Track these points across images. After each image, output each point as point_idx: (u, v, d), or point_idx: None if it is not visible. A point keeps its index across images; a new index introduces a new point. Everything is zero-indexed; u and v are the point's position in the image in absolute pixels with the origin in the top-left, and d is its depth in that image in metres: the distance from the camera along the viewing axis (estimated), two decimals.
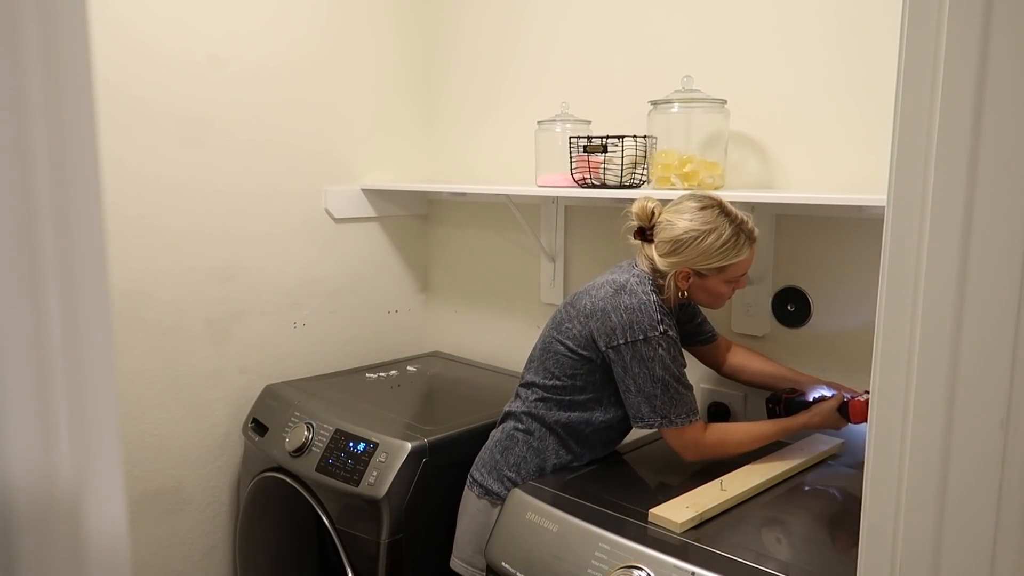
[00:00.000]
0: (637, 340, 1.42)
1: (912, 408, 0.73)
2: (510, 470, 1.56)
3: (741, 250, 1.44)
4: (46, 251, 0.40)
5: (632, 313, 1.43)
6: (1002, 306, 0.68)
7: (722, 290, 1.48)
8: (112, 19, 1.88)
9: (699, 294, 1.50)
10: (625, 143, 1.75)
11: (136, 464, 2.02)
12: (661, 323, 1.43)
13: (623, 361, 1.44)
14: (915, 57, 0.70)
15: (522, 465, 1.55)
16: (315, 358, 2.34)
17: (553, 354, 1.55)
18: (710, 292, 1.49)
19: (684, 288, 1.48)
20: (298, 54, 2.22)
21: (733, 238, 1.43)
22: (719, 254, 1.43)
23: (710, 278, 1.46)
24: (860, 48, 1.59)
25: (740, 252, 1.44)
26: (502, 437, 1.60)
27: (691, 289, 1.49)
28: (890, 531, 0.76)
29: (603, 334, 1.45)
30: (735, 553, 1.20)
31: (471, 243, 2.49)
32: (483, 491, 1.58)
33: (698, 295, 1.51)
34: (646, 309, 1.43)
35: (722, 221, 1.43)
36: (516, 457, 1.56)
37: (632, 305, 1.44)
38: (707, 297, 1.51)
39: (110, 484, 0.43)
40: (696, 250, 1.43)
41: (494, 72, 2.35)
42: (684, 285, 1.47)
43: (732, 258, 1.44)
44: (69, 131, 0.40)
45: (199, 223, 2.07)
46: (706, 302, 1.53)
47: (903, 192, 0.72)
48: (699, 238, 1.42)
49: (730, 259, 1.44)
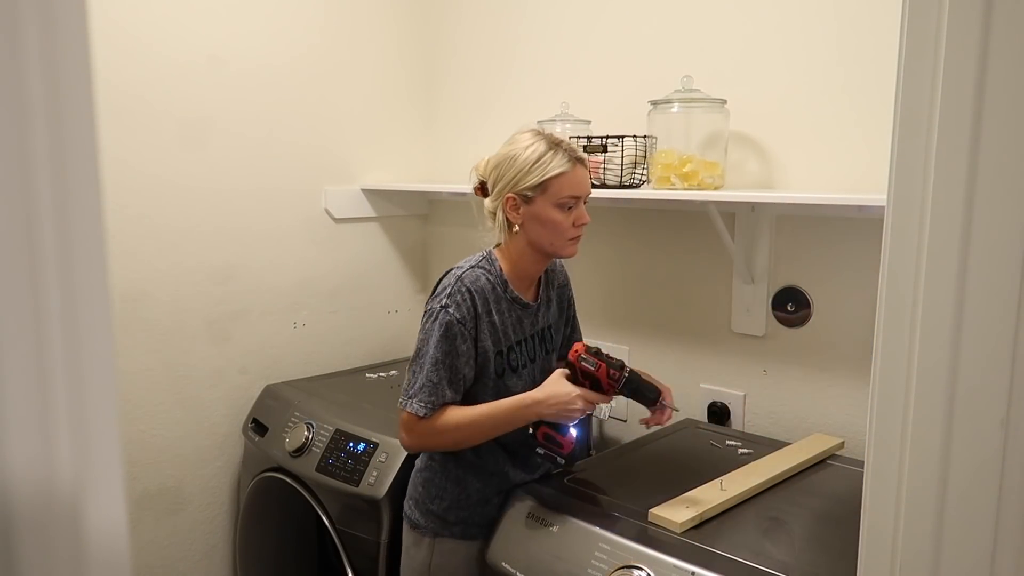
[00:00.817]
0: (428, 312, 1.40)
1: (912, 408, 0.73)
2: (432, 503, 1.48)
3: (560, 162, 1.36)
4: (46, 251, 0.40)
5: (442, 285, 1.41)
6: (1002, 306, 0.68)
7: (554, 216, 1.38)
8: (112, 19, 1.88)
9: (536, 229, 1.39)
10: (625, 143, 1.75)
11: (136, 464, 2.02)
12: (451, 296, 1.38)
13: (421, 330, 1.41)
14: (915, 57, 0.70)
15: (443, 496, 1.47)
16: (315, 358, 2.34)
17: None
18: (543, 221, 1.38)
19: (516, 221, 1.40)
20: (298, 54, 2.22)
21: (550, 151, 1.37)
22: (537, 167, 1.36)
23: (536, 201, 1.37)
24: (860, 48, 1.59)
25: (560, 164, 1.36)
26: (421, 467, 1.53)
27: (526, 225, 1.40)
28: (890, 531, 0.76)
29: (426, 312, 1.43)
30: (735, 553, 1.20)
31: (471, 243, 2.48)
32: (411, 523, 1.51)
33: (535, 231, 1.40)
34: (450, 281, 1.40)
35: (539, 138, 1.39)
36: (437, 489, 1.48)
37: (447, 281, 1.41)
38: (545, 232, 1.39)
39: (110, 484, 0.43)
40: (514, 167, 1.38)
41: (494, 72, 2.35)
42: (515, 217, 1.40)
43: (552, 170, 1.36)
44: (69, 131, 0.40)
45: (199, 223, 2.07)
46: (548, 239, 1.40)
47: (903, 192, 0.72)
48: (514, 155, 1.38)
49: (549, 172, 1.36)
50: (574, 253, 1.45)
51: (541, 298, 1.53)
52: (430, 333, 1.38)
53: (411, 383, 1.39)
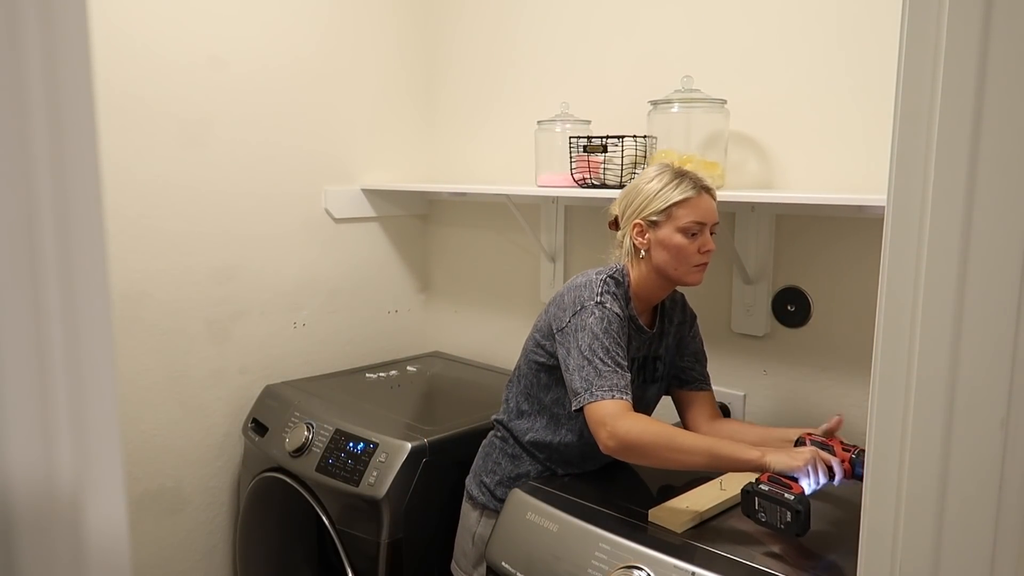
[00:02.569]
0: (576, 312, 1.40)
1: (912, 408, 0.73)
2: (486, 475, 1.58)
3: (684, 189, 1.41)
4: (46, 251, 0.40)
5: (578, 289, 1.43)
6: (1002, 306, 0.68)
7: (679, 242, 1.41)
8: (112, 19, 1.88)
9: (661, 255, 1.43)
10: (625, 143, 1.75)
11: (136, 464, 2.02)
12: (601, 295, 1.40)
13: (566, 339, 1.40)
14: (915, 57, 0.70)
15: (496, 470, 1.57)
16: (315, 358, 2.34)
17: (525, 354, 1.56)
18: (668, 247, 1.42)
19: (643, 246, 1.44)
20: (298, 54, 2.22)
21: (675, 179, 1.42)
22: (662, 194, 1.41)
23: (662, 227, 1.42)
24: (860, 48, 1.59)
25: (684, 191, 1.41)
26: (486, 443, 1.64)
27: (652, 250, 1.44)
28: (890, 532, 0.76)
29: (556, 317, 1.45)
30: (735, 553, 1.20)
31: (471, 243, 2.49)
32: (467, 496, 1.62)
33: (661, 257, 1.43)
34: (590, 285, 1.42)
35: (667, 169, 1.46)
36: (492, 463, 1.59)
37: (580, 283, 1.44)
38: (670, 257, 1.42)
39: (110, 484, 0.43)
40: (640, 195, 1.44)
41: (494, 72, 2.35)
42: (641, 242, 1.44)
43: (675, 196, 1.40)
44: (69, 131, 0.40)
45: (199, 223, 2.07)
46: (673, 266, 1.43)
47: (903, 192, 0.72)
48: (642, 184, 1.45)
49: (673, 198, 1.40)
50: (699, 281, 1.46)
51: (656, 327, 1.55)
52: (587, 328, 1.37)
53: (587, 379, 1.34)
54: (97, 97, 0.41)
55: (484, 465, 1.60)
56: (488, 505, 1.56)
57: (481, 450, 1.64)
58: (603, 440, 1.30)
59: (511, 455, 1.57)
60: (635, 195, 1.46)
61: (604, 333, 1.37)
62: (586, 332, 1.37)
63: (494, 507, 1.54)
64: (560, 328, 1.42)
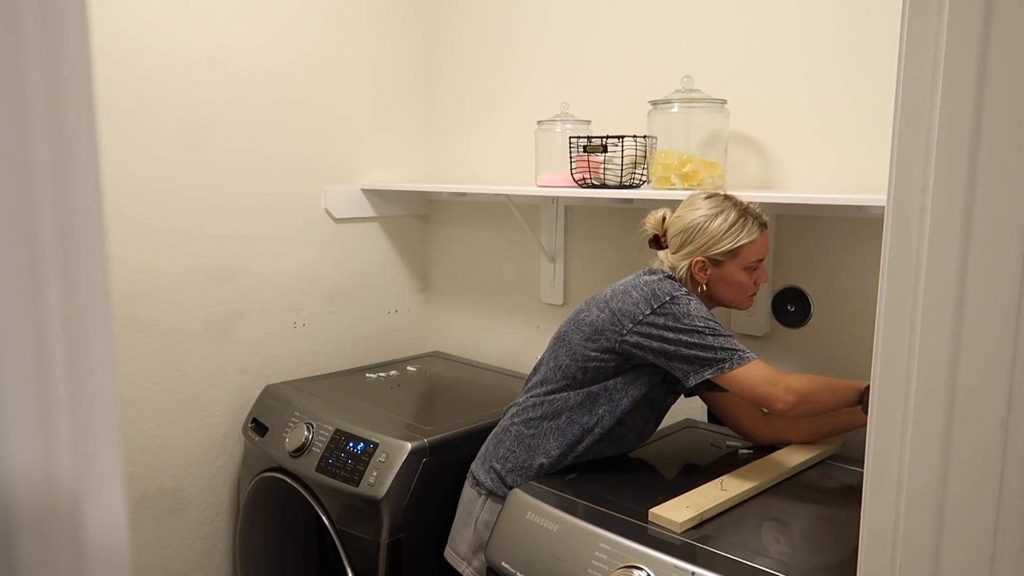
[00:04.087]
0: (664, 302, 1.41)
1: (912, 408, 0.73)
2: (497, 462, 1.56)
3: (751, 230, 1.46)
4: (46, 251, 0.40)
5: (651, 286, 1.44)
6: (1002, 306, 0.68)
7: (741, 279, 1.47)
8: (112, 19, 1.88)
9: (720, 288, 1.49)
10: (625, 143, 1.75)
11: (136, 464, 2.02)
12: (681, 287, 1.44)
13: (656, 331, 1.40)
14: (915, 57, 0.70)
15: (509, 458, 1.54)
16: (315, 358, 2.34)
17: (566, 344, 1.53)
18: (730, 282, 1.48)
19: (703, 280, 1.48)
20: (298, 54, 2.22)
21: (740, 219, 1.46)
22: (729, 235, 1.45)
23: (726, 265, 1.47)
24: (860, 48, 1.59)
25: (750, 232, 1.46)
26: (499, 430, 1.61)
27: (711, 283, 1.49)
28: (890, 531, 0.76)
29: (626, 314, 1.43)
30: (735, 553, 1.20)
31: (471, 243, 2.49)
32: (473, 481, 1.60)
33: (720, 289, 1.49)
34: (666, 282, 1.45)
35: (728, 205, 1.47)
36: (505, 450, 1.56)
37: (651, 281, 1.46)
38: (729, 291, 1.49)
39: (110, 484, 0.43)
40: (706, 235, 1.46)
41: (494, 72, 2.35)
42: (702, 277, 1.48)
43: (743, 239, 1.45)
44: (69, 131, 0.40)
45: (199, 223, 2.07)
46: (730, 297, 1.50)
47: (903, 192, 0.72)
48: (707, 222, 1.46)
49: (741, 240, 1.45)
50: (751, 306, 1.56)
51: None
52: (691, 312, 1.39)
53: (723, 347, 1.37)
54: (97, 97, 0.41)
55: (495, 452, 1.57)
56: (496, 491, 1.54)
57: (492, 436, 1.61)
58: (781, 395, 1.37)
59: (527, 444, 1.54)
60: (697, 232, 1.47)
61: (708, 315, 1.41)
62: (694, 316, 1.40)
63: (502, 494, 1.52)
64: (639, 321, 1.41)
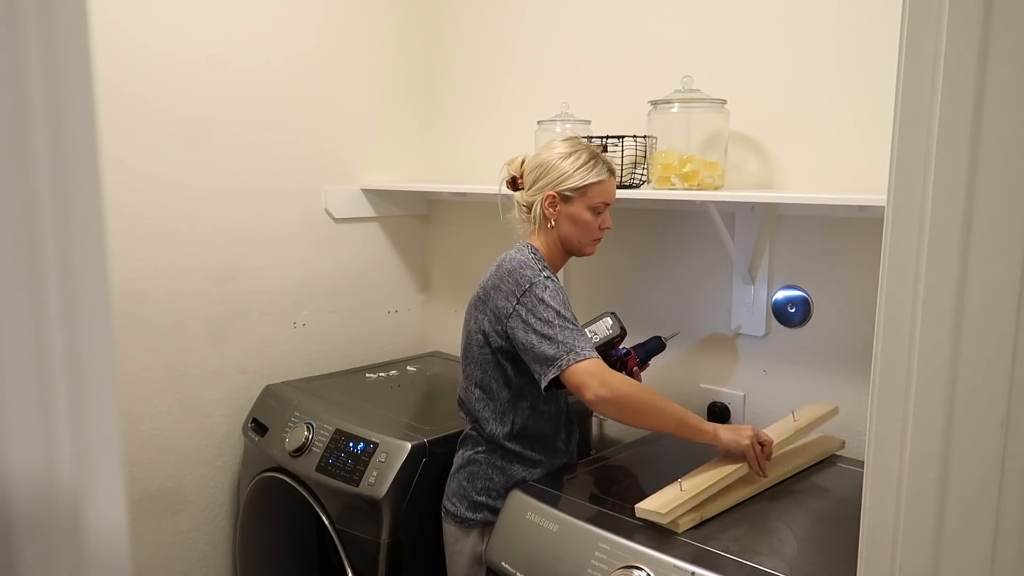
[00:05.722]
0: (525, 291, 1.45)
1: (912, 408, 0.73)
2: (479, 495, 1.54)
3: (600, 171, 1.51)
4: (46, 251, 0.40)
5: (514, 273, 1.48)
6: (1002, 306, 0.68)
7: (587, 218, 1.52)
8: (112, 19, 1.87)
9: (567, 227, 1.53)
10: (625, 143, 1.75)
11: (136, 464, 2.02)
12: (542, 270, 1.48)
13: (521, 320, 1.44)
14: (915, 57, 0.70)
15: (491, 488, 1.54)
16: (315, 358, 2.34)
17: (472, 358, 1.58)
18: (576, 221, 1.52)
19: (552, 216, 1.53)
20: (298, 54, 2.22)
21: (591, 160, 1.52)
22: (579, 173, 1.50)
23: (574, 202, 1.51)
24: (860, 48, 1.59)
25: (599, 173, 1.51)
26: (463, 463, 1.58)
27: (559, 221, 1.53)
28: (890, 531, 0.76)
29: (503, 308, 1.47)
30: (735, 553, 1.20)
31: (471, 243, 2.49)
32: (457, 520, 1.56)
33: (567, 228, 1.53)
34: (526, 262, 1.49)
35: (581, 147, 1.54)
36: (483, 482, 1.54)
37: (512, 267, 1.49)
38: (576, 231, 1.53)
39: (110, 484, 0.43)
40: (557, 171, 1.51)
41: (494, 72, 2.35)
42: (552, 212, 1.53)
43: (591, 178, 1.50)
44: (69, 131, 0.40)
45: (199, 223, 2.07)
46: (577, 238, 1.54)
47: (903, 192, 0.72)
48: (560, 160, 1.52)
49: (590, 179, 1.50)
50: (593, 252, 1.60)
51: None
52: (544, 301, 1.43)
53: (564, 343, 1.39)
54: (97, 97, 0.41)
55: (472, 485, 1.55)
56: (491, 520, 1.51)
57: (460, 472, 1.57)
58: (594, 390, 1.35)
59: (499, 467, 1.54)
60: (549, 168, 1.52)
61: (562, 305, 1.45)
62: (545, 305, 1.43)
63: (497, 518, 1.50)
64: (509, 313, 1.46)
